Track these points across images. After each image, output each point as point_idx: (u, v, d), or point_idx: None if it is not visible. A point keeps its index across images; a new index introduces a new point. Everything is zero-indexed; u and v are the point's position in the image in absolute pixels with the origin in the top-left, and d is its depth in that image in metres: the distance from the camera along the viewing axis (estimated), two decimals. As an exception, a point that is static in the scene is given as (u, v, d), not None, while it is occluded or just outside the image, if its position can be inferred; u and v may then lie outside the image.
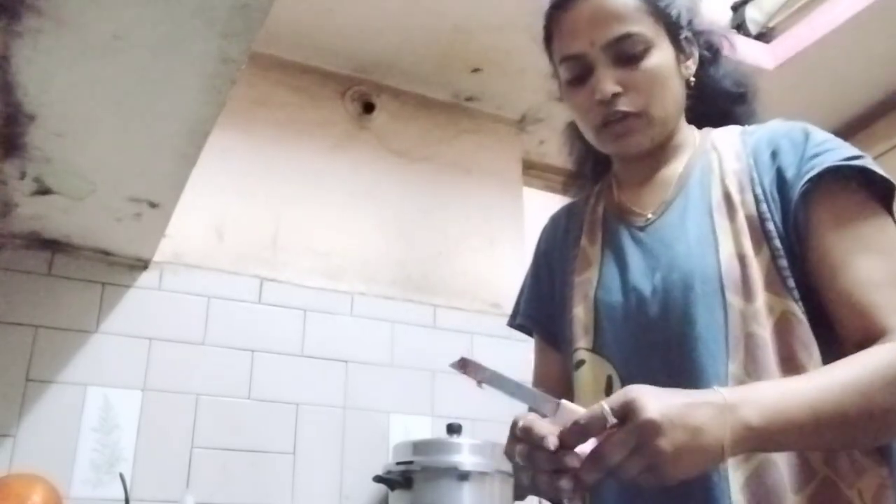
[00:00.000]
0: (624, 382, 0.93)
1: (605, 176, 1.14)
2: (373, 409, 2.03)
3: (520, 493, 1.82)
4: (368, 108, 2.30)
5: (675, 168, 1.02)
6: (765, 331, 0.87)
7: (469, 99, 2.43)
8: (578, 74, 1.01)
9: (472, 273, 2.29)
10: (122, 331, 1.81)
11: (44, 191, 1.50)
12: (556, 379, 1.10)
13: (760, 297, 0.88)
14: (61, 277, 1.79)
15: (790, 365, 0.86)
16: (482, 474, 1.76)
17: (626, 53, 0.97)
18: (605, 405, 0.71)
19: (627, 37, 0.97)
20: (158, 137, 1.33)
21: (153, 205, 1.57)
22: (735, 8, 2.47)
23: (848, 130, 2.46)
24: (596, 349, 0.99)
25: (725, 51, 1.09)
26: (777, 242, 0.90)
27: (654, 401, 0.71)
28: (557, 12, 1.03)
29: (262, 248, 2.05)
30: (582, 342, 1.01)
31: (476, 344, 2.21)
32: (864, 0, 2.08)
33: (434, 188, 2.34)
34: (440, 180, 2.36)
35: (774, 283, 0.89)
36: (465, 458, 1.77)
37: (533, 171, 2.61)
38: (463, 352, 2.24)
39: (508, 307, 2.23)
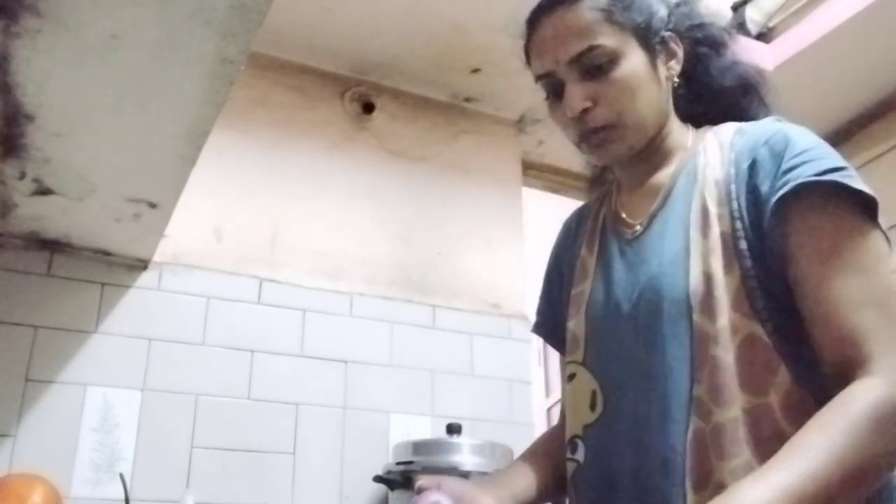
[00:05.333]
0: (605, 399, 0.96)
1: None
2: (373, 409, 2.03)
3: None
4: (368, 108, 2.30)
5: (665, 174, 1.01)
6: (727, 353, 0.86)
7: (468, 99, 2.43)
8: (553, 92, 1.01)
9: (471, 273, 2.29)
10: (121, 331, 1.81)
11: (43, 191, 1.50)
12: None
13: (725, 317, 0.86)
14: (61, 278, 1.79)
15: (753, 389, 0.85)
16: (482, 474, 1.76)
17: (592, 66, 0.96)
18: None
19: (590, 50, 0.96)
20: (157, 138, 1.34)
21: (152, 205, 1.57)
22: (735, 8, 2.47)
23: (847, 131, 2.46)
24: (585, 363, 1.00)
25: (727, 45, 1.05)
26: (748, 262, 0.87)
27: None
28: (529, 34, 1.03)
29: (261, 249, 2.05)
30: (573, 355, 1.02)
31: (475, 344, 2.21)
32: (864, 0, 2.08)
33: (433, 188, 2.34)
34: (439, 181, 2.36)
35: (742, 303, 0.87)
36: (465, 458, 1.77)
37: (532, 171, 2.61)
38: (462, 351, 2.24)
39: (507, 307, 2.27)
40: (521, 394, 2.22)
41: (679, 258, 0.91)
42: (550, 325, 1.17)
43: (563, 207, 3.05)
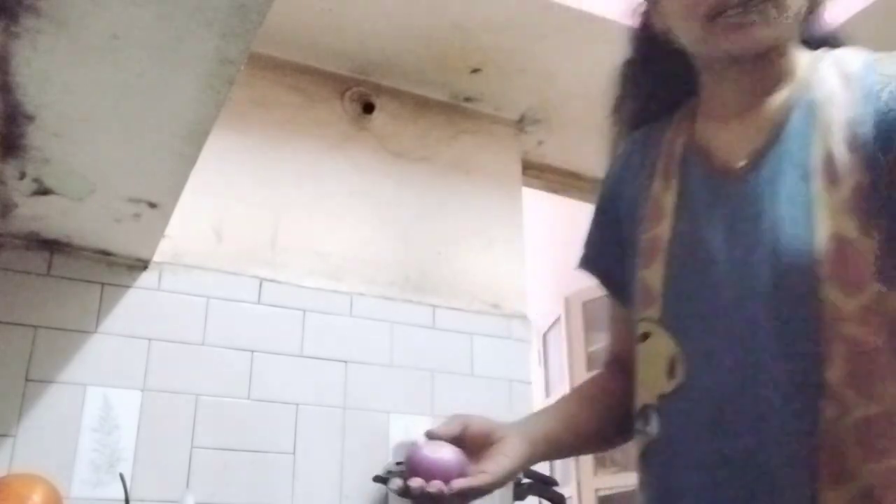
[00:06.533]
0: (688, 370, 0.81)
1: (686, 103, 0.94)
2: (373, 409, 2.03)
3: (520, 494, 1.82)
4: (368, 108, 2.30)
5: (772, 103, 0.83)
6: (872, 335, 0.72)
7: (468, 99, 2.43)
8: None
9: (470, 273, 2.30)
10: (121, 331, 1.82)
11: (43, 191, 1.51)
12: (630, 344, 0.92)
13: (868, 290, 0.72)
14: (61, 278, 1.79)
15: None
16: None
17: None
18: None
19: None
20: (157, 138, 1.34)
21: (152, 205, 1.57)
22: (734, 8, 2.46)
23: (847, 130, 2.46)
24: (663, 321, 0.84)
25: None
26: (894, 223, 0.73)
27: None
28: None
29: (261, 249, 2.05)
30: (648, 311, 0.86)
31: (475, 344, 2.21)
32: (863, 0, 2.08)
33: (433, 188, 2.34)
34: (439, 181, 2.36)
35: (889, 273, 0.72)
36: (465, 458, 1.77)
37: (532, 171, 2.62)
38: (462, 351, 2.24)
39: (507, 307, 2.27)
40: (521, 394, 2.22)
41: (801, 214, 0.75)
42: (603, 263, 1.00)
43: (563, 207, 3.06)
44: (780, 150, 0.80)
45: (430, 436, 0.83)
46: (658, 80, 0.98)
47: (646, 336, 0.86)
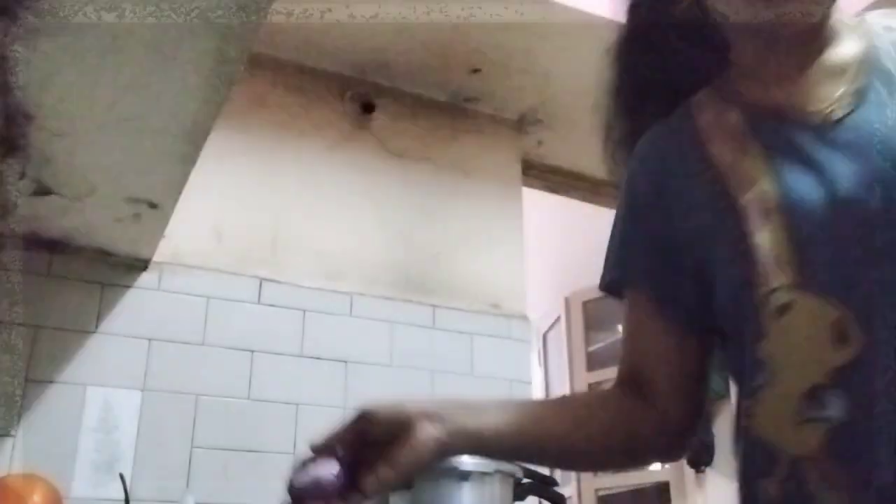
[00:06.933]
0: (866, 327, 0.70)
1: (710, 82, 0.90)
2: (372, 410, 2.03)
3: (520, 494, 1.82)
4: (368, 108, 2.31)
5: (838, 54, 0.82)
6: None
7: (468, 100, 2.43)
8: None
9: (471, 273, 2.30)
10: (121, 331, 1.82)
11: (43, 191, 1.51)
12: (659, 356, 0.86)
13: None
14: (61, 278, 1.79)
15: None
16: (482, 474, 1.76)
17: None
18: None
19: None
20: (158, 138, 1.34)
21: (152, 205, 1.57)
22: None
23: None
24: (806, 285, 0.73)
25: None
26: None
27: None
28: None
29: (261, 249, 2.05)
30: (781, 278, 0.75)
31: (475, 344, 2.21)
32: (863, 1, 2.08)
33: (433, 189, 2.34)
34: (439, 181, 2.36)
35: None
36: (466, 458, 1.77)
37: (532, 171, 2.62)
38: (462, 351, 2.24)
39: (507, 307, 2.27)
40: (521, 394, 2.22)
41: None
42: (645, 273, 0.89)
43: (563, 207, 3.06)
44: (888, 83, 0.78)
45: (315, 449, 0.75)
46: (665, 64, 0.92)
47: (784, 308, 0.74)
